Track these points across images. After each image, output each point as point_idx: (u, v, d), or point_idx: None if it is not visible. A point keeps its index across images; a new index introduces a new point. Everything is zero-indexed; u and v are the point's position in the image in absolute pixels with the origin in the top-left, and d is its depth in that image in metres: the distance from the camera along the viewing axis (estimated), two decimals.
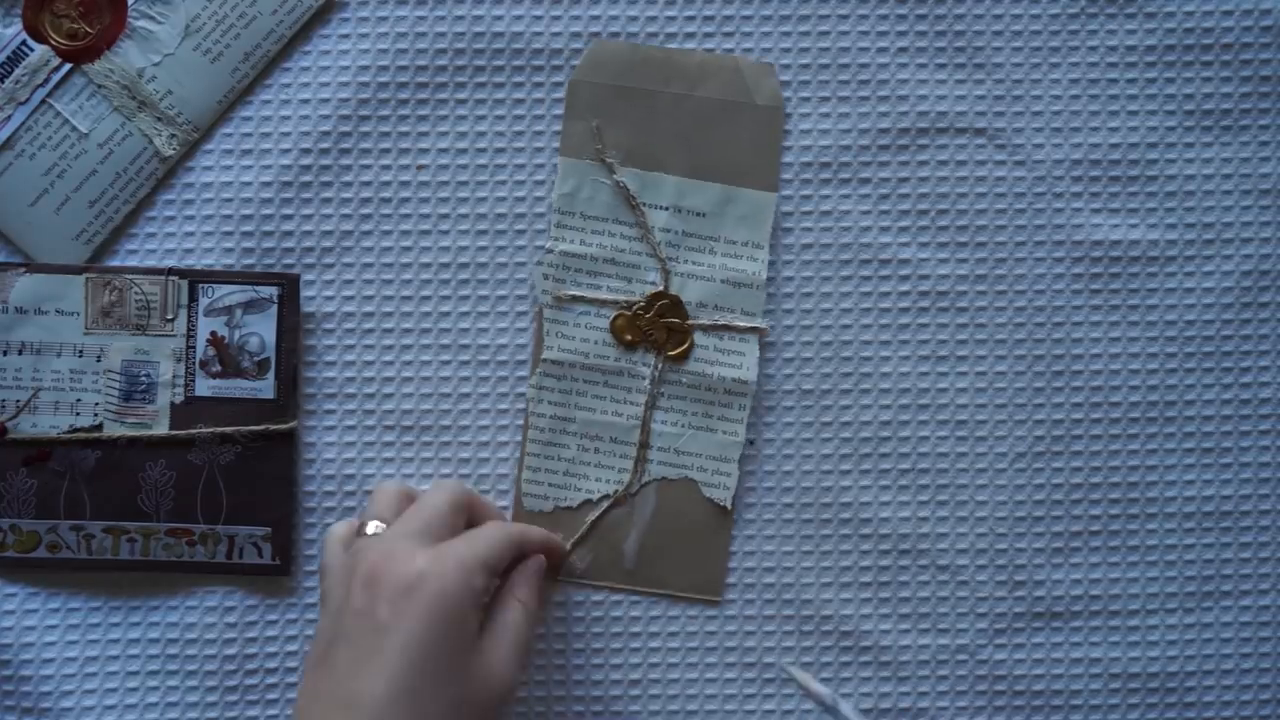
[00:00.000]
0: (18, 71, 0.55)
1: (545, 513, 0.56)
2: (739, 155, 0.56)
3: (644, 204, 0.56)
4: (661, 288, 0.56)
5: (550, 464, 0.56)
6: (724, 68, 0.56)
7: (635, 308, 0.56)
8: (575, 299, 0.56)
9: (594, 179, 0.56)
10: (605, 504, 0.56)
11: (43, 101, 0.55)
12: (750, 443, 0.57)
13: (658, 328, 0.56)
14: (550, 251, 0.56)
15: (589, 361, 0.56)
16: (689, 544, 0.56)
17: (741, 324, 0.56)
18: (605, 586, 0.56)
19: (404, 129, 0.57)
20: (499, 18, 0.57)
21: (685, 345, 0.56)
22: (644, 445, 0.56)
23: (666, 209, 0.56)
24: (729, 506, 0.56)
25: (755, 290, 0.56)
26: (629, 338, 0.56)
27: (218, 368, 0.55)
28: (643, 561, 0.56)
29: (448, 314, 0.57)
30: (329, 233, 0.57)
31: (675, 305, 0.56)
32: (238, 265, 0.56)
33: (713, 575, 0.56)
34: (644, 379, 0.56)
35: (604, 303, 0.56)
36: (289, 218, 0.57)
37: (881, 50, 0.57)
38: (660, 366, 0.56)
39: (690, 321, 0.56)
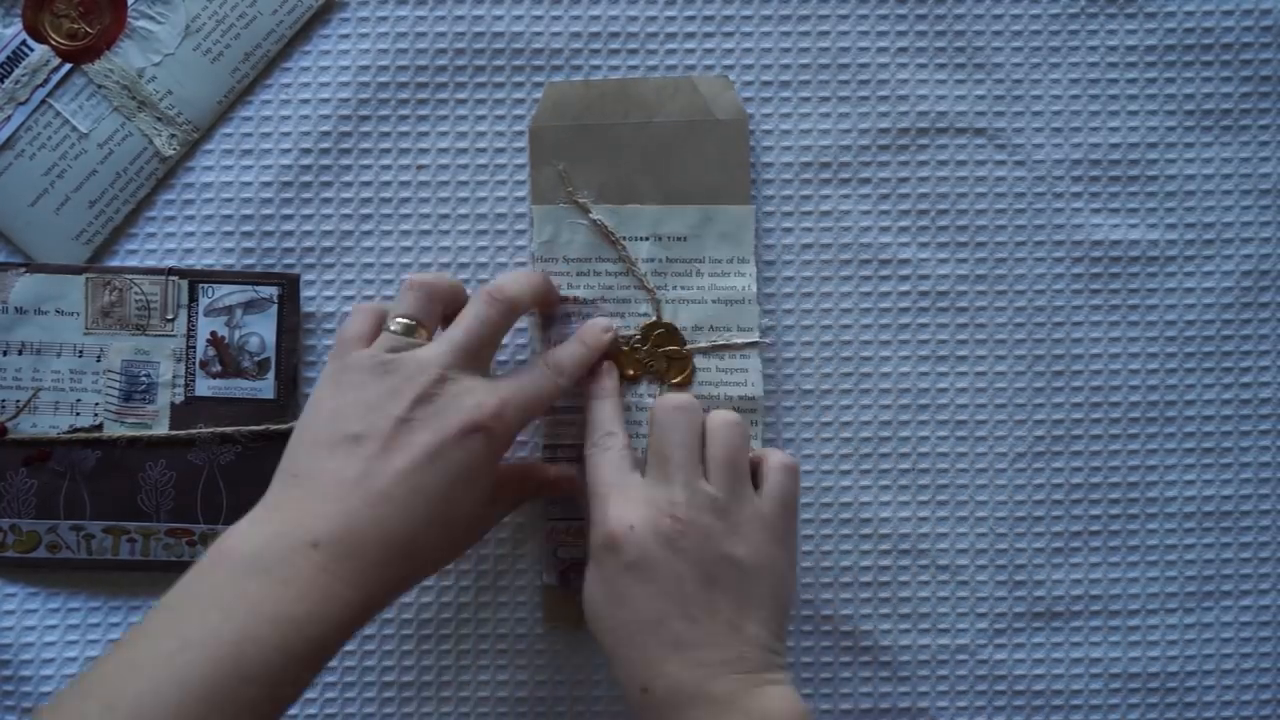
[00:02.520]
0: (18, 71, 0.55)
1: (580, 561, 0.56)
2: (710, 174, 0.56)
3: (624, 238, 0.56)
4: (654, 318, 0.56)
5: (575, 511, 0.56)
6: (681, 89, 0.56)
7: (632, 341, 0.56)
8: None
9: (570, 222, 0.56)
10: None
11: (43, 101, 0.55)
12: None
13: (657, 358, 0.56)
14: None
15: None
16: None
17: (740, 341, 0.56)
18: None
19: (404, 129, 0.57)
20: (499, 18, 0.57)
21: (687, 371, 0.56)
22: None
23: (647, 239, 0.56)
24: None
25: (748, 305, 0.56)
26: (630, 372, 0.56)
27: (218, 368, 0.55)
28: None
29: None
30: (329, 233, 0.57)
31: (671, 333, 0.56)
32: (238, 265, 0.56)
33: None
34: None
35: None
36: (289, 218, 0.57)
37: (881, 50, 0.57)
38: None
39: (688, 347, 0.56)
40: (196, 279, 0.56)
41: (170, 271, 0.56)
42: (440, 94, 0.57)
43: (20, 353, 0.55)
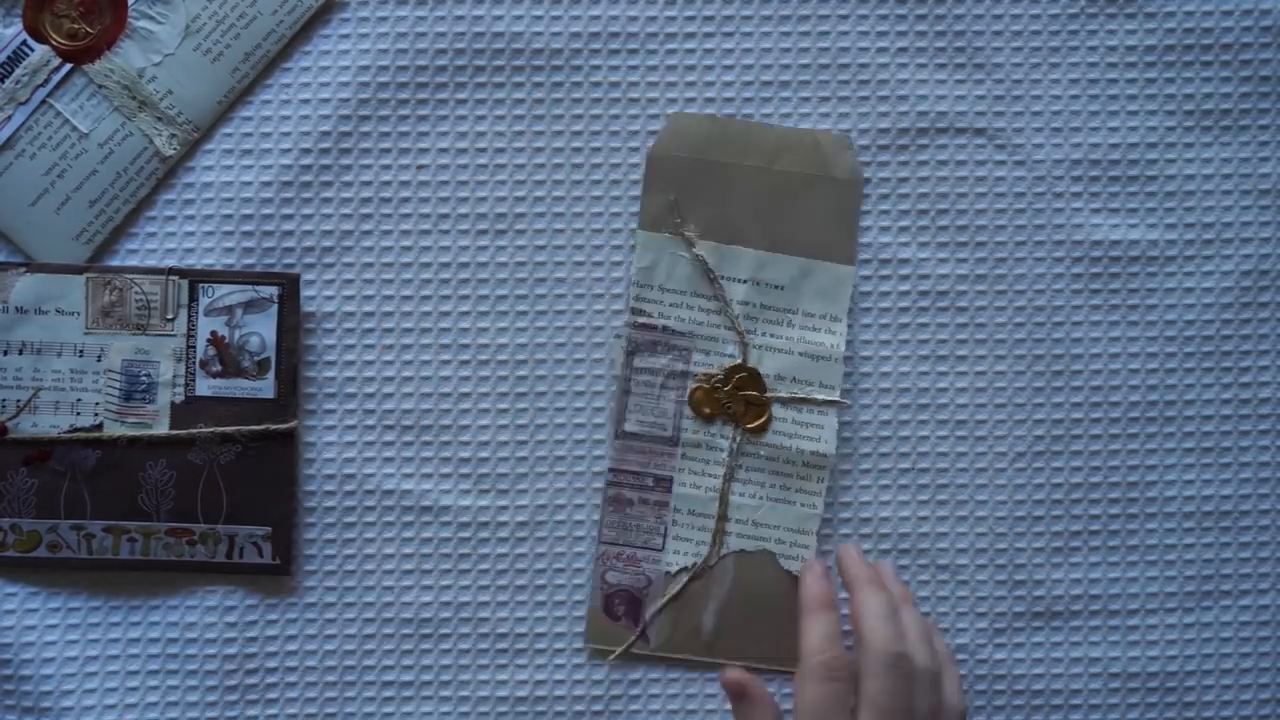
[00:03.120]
0: (18, 71, 0.55)
1: (625, 589, 0.56)
2: (817, 228, 0.56)
3: (722, 277, 0.56)
4: (740, 360, 0.56)
5: (629, 538, 0.56)
6: (802, 142, 0.56)
7: (713, 380, 0.56)
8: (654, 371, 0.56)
9: (672, 253, 0.56)
10: (684, 576, 0.56)
11: (43, 101, 0.55)
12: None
13: (736, 400, 0.56)
14: (629, 325, 0.56)
15: (667, 434, 0.56)
16: (768, 616, 0.55)
17: (820, 397, 0.56)
18: (683, 659, 0.56)
19: (404, 129, 0.57)
20: (499, 17, 0.57)
21: (763, 418, 0.56)
22: (722, 518, 0.56)
23: (745, 282, 0.56)
24: None
25: (833, 363, 0.56)
26: (707, 410, 0.56)
27: (218, 367, 0.55)
28: (721, 634, 0.55)
29: (448, 314, 0.57)
30: (329, 233, 0.57)
31: (753, 378, 0.56)
32: (238, 265, 0.56)
33: (795, 647, 0.56)
34: (722, 451, 0.56)
35: (683, 375, 0.56)
36: (289, 218, 0.57)
37: (881, 50, 0.57)
38: (738, 439, 0.56)
39: (768, 394, 0.56)
40: (196, 279, 0.56)
41: (170, 271, 0.56)
42: (440, 94, 0.57)
43: (20, 352, 0.55)
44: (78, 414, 0.55)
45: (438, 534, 0.56)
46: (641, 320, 0.56)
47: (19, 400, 0.55)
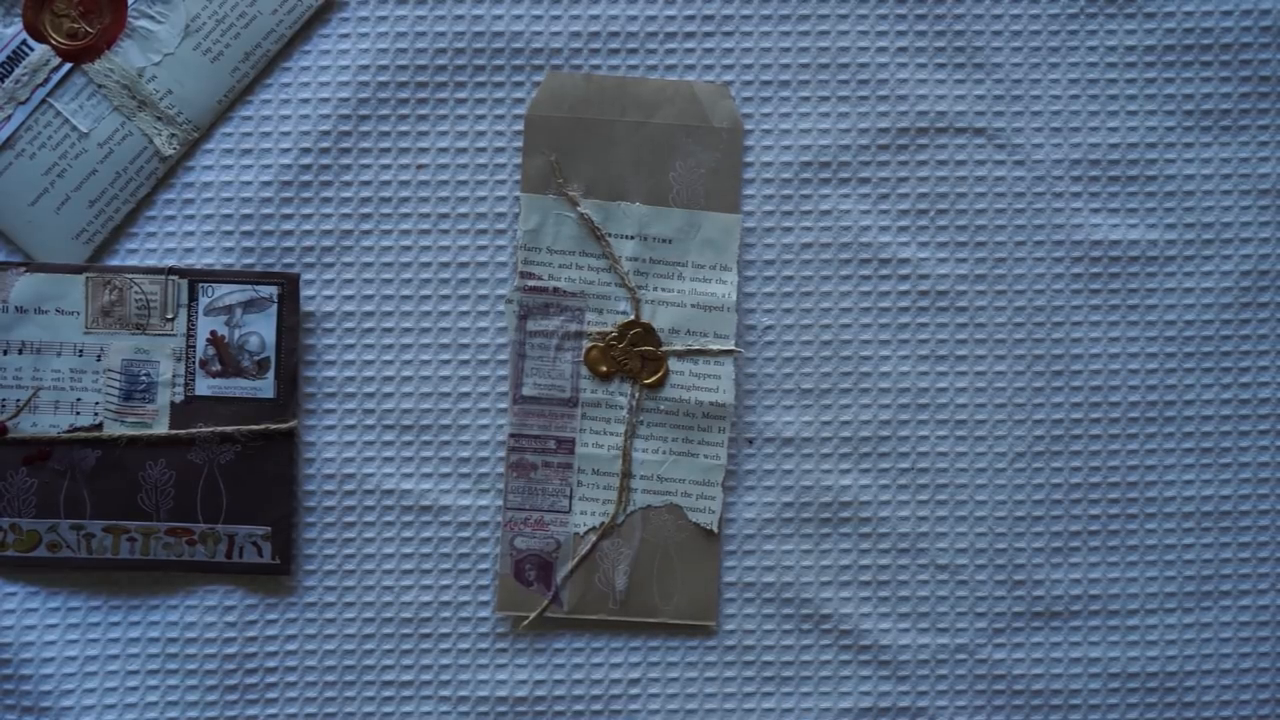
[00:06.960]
0: (18, 71, 0.55)
1: (535, 550, 0.56)
2: (700, 179, 0.56)
3: (609, 234, 0.56)
4: (633, 317, 0.56)
5: (533, 502, 0.56)
6: (679, 93, 0.56)
7: (608, 338, 0.56)
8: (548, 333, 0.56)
9: (557, 213, 0.56)
10: (593, 537, 0.56)
11: (43, 101, 0.55)
12: (750, 441, 0.57)
13: (632, 357, 0.56)
14: (519, 289, 0.56)
15: (566, 395, 0.56)
16: (678, 570, 0.56)
17: (715, 348, 0.56)
18: (597, 620, 0.56)
19: (404, 129, 0.57)
20: (499, 17, 0.57)
21: (660, 373, 0.56)
22: (626, 475, 0.56)
23: (632, 238, 0.56)
24: (715, 530, 0.56)
25: (726, 313, 0.56)
26: (604, 369, 0.56)
27: (218, 367, 0.55)
28: (634, 592, 0.56)
29: (448, 314, 0.57)
30: (329, 232, 0.57)
31: (648, 333, 0.56)
32: (238, 265, 0.56)
33: (705, 600, 0.56)
34: (622, 409, 0.56)
35: (577, 335, 0.56)
36: (289, 217, 0.57)
37: (881, 50, 0.57)
38: (637, 395, 0.56)
39: (664, 348, 0.56)
40: (196, 278, 0.56)
41: (170, 271, 0.56)
42: (440, 94, 0.57)
43: (20, 352, 0.55)
44: (77, 414, 0.55)
45: (438, 534, 0.56)
46: (531, 283, 0.56)
47: (19, 400, 0.55)
